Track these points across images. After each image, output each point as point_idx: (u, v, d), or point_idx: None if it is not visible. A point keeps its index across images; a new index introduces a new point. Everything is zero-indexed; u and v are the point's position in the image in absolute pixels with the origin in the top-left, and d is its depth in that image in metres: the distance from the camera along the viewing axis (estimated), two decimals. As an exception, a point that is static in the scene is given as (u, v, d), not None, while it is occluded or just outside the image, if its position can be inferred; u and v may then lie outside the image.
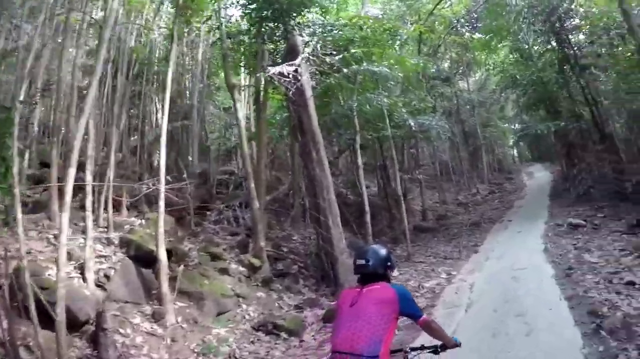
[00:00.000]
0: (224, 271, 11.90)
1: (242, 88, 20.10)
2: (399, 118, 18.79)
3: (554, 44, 24.29)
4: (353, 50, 15.48)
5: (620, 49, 21.54)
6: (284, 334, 9.48)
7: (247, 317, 10.47)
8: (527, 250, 14.11)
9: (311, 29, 15.15)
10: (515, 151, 56.11)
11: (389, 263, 3.77)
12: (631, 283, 8.99)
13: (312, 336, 9.59)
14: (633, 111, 21.95)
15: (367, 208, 15.80)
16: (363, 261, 3.69)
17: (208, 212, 16.28)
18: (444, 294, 11.14)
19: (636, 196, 18.62)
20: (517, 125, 50.31)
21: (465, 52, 35.49)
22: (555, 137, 28.25)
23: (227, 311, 10.49)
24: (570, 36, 23.40)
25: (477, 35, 31.65)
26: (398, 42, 19.36)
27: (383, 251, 3.81)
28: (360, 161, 17.25)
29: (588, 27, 22.70)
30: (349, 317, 3.45)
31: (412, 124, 18.36)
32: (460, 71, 37.70)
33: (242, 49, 16.51)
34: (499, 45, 29.99)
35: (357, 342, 3.28)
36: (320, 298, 11.96)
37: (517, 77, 25.53)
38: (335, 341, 3.45)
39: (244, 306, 10.92)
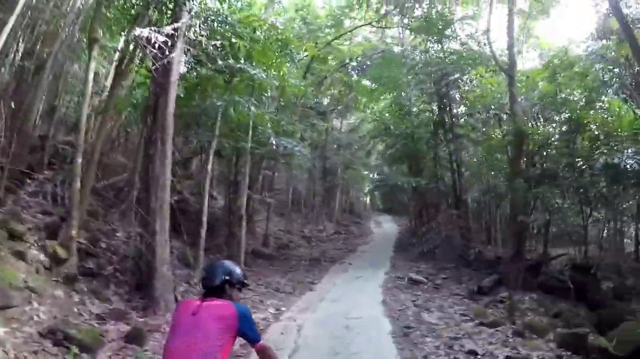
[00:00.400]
0: (20, 256, 9.40)
1: (107, 49, 17.60)
2: (263, 134, 17.67)
3: (434, 107, 24.85)
4: (235, 41, 14.24)
5: (495, 128, 22.83)
6: (75, 349, 7.39)
7: (35, 318, 8.19)
8: (364, 298, 13.48)
9: (203, 12, 13.65)
10: (368, 198, 57.75)
11: (231, 279, 3.60)
12: (473, 352, 8.58)
13: (109, 356, 7.83)
14: (489, 187, 23.15)
15: (204, 220, 14.46)
16: (207, 274, 3.68)
17: (29, 181, 13.75)
18: (268, 331, 9.90)
19: (477, 263, 19.36)
20: (376, 175, 52.53)
21: (348, 93, 36.04)
22: (413, 193, 29.07)
23: (12, 307, 8.28)
24: (452, 104, 24.17)
25: (365, 82, 32.33)
26: (288, 58, 18.51)
27: (230, 267, 3.69)
28: (210, 167, 15.84)
29: (471, 100, 23.55)
30: (187, 327, 3.29)
31: (275, 142, 17.23)
32: (337, 110, 37.87)
33: (123, 5, 14.27)
34: (382, 97, 30.75)
35: (189, 355, 3.16)
36: (129, 311, 10.04)
37: (391, 127, 25.99)
38: (168, 351, 3.32)
39: (35, 304, 8.50)
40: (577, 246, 22.04)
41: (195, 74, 14.82)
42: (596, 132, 17.59)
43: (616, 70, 18.13)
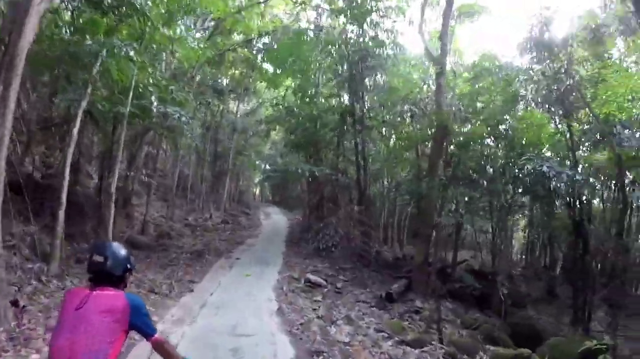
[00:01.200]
0: None
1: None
2: (148, 99, 14.37)
3: (345, 94, 22.59)
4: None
5: (406, 125, 21.38)
6: None
7: None
8: (256, 304, 11.10)
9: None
10: (258, 189, 55.89)
11: (128, 265, 3.36)
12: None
13: None
14: (397, 184, 21.68)
15: (63, 199, 11.32)
16: (101, 258, 3.15)
17: None
18: (132, 353, 6.85)
19: (377, 265, 17.84)
20: (268, 166, 50.58)
21: (250, 75, 33.43)
22: (309, 185, 27.12)
23: None
24: (365, 93, 21.67)
25: (267, 66, 29.77)
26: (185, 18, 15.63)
27: (124, 251, 3.35)
28: (75, 132, 12.26)
29: (386, 92, 21.66)
30: (71, 324, 2.90)
31: (158, 108, 14.32)
32: (236, 92, 34.85)
33: None
34: (284, 84, 28.34)
35: (74, 355, 2.80)
36: None
37: (295, 109, 23.49)
38: (51, 351, 2.93)
39: None
40: (473, 252, 21.52)
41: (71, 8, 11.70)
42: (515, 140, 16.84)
43: (536, 84, 17.79)
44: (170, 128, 17.79)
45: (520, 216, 22.03)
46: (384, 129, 22.18)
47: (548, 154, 17.71)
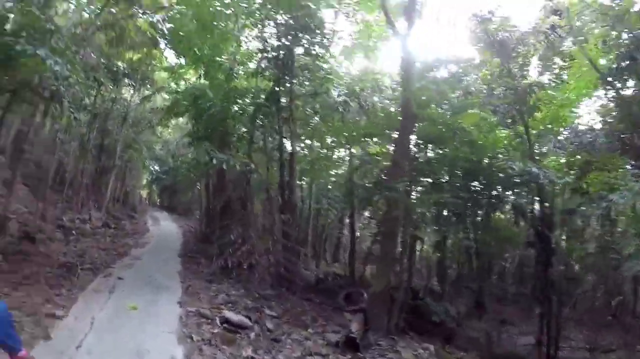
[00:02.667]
0: None
1: None
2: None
3: (269, 76, 17.51)
4: None
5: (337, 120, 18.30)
6: None
7: None
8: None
9: None
10: (146, 191, 51.12)
11: None
12: None
13: None
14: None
15: None
16: None
17: None
18: None
19: (306, 290, 14.48)
20: (157, 167, 45.90)
21: (150, 59, 28.90)
22: (212, 187, 23.17)
23: None
24: (293, 78, 16.82)
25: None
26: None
27: None
28: None
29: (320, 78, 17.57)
30: None
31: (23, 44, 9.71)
32: (133, 77, 29.84)
33: None
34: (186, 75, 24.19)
35: None
36: None
37: (207, 93, 18.84)
38: None
39: None
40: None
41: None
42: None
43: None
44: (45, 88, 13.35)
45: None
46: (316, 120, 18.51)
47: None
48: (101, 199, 30.06)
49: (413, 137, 13.92)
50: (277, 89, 16.21)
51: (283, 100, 16.74)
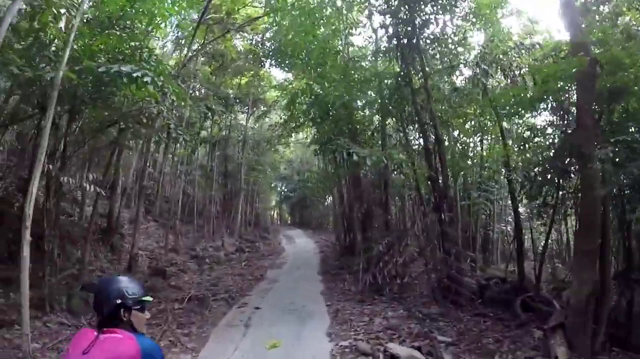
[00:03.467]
0: None
1: None
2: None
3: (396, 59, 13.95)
4: None
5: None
6: None
7: None
8: None
9: None
10: (276, 211, 50.87)
11: (126, 302, 2.36)
12: None
13: None
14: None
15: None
16: (95, 297, 2.46)
17: None
18: None
19: (497, 304, 11.32)
20: (284, 187, 45.45)
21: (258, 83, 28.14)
22: (346, 194, 20.82)
23: None
24: (424, 53, 13.45)
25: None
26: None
27: (122, 285, 2.41)
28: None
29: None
30: None
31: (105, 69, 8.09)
32: (243, 102, 28.73)
33: None
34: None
35: None
36: None
37: (327, 88, 16.17)
38: None
39: None
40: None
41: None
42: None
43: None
44: (135, 117, 11.73)
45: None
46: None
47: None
48: (232, 225, 29.10)
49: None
50: (404, 70, 13.07)
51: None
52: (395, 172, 14.75)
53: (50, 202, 10.62)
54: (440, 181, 12.27)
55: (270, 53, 20.16)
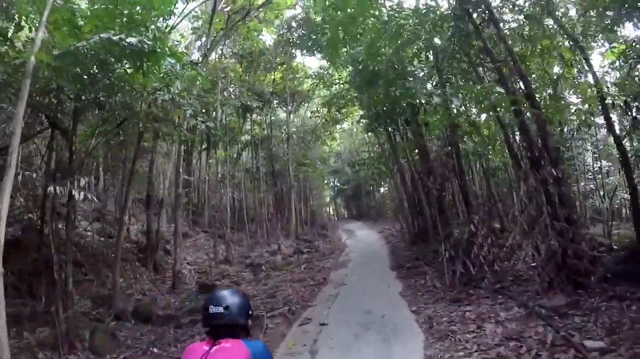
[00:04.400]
0: None
1: None
2: None
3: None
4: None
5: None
6: None
7: None
8: None
9: None
10: (331, 206, 49.09)
11: (250, 311, 2.59)
12: None
13: None
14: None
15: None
16: (220, 309, 2.44)
17: None
18: None
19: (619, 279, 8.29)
20: (336, 181, 43.67)
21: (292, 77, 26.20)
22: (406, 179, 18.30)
23: None
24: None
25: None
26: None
27: (240, 296, 2.58)
28: None
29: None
30: None
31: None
32: (280, 96, 26.93)
33: None
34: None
35: None
36: None
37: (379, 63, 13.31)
38: None
39: None
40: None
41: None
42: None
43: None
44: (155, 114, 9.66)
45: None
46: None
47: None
48: (287, 226, 26.96)
49: None
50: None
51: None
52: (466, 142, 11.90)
53: (54, 223, 8.66)
54: (537, 143, 9.25)
55: (300, 41, 19.70)
